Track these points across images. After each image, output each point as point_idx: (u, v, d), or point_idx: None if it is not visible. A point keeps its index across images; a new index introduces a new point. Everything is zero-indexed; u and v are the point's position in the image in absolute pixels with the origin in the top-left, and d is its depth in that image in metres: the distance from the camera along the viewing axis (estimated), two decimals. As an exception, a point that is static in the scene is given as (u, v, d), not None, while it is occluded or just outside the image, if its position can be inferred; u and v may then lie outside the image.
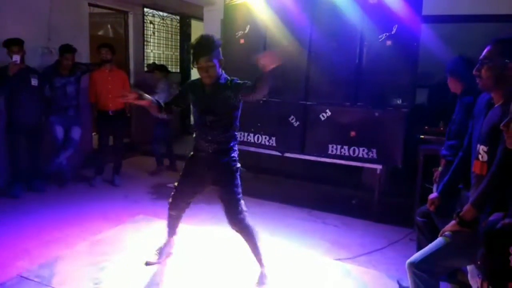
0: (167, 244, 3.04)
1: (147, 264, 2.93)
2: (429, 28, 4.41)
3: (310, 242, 3.52)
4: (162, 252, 3.01)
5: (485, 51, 1.87)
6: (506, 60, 1.77)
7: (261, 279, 2.72)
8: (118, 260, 2.99)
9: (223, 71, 2.60)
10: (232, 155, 2.64)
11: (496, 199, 1.53)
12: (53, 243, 3.25)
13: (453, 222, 1.92)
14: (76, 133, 4.71)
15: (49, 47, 4.99)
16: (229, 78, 2.58)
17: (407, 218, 3.87)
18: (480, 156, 1.86)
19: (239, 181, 2.64)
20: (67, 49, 4.52)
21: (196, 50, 2.45)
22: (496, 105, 1.81)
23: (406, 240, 3.61)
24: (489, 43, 1.86)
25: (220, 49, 2.52)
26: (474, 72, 1.90)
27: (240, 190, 2.63)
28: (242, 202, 2.64)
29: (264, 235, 3.52)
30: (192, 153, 2.76)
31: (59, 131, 4.61)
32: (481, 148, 1.85)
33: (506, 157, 1.63)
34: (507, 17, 4.53)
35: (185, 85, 2.81)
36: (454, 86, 3.00)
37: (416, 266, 1.90)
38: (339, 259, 3.20)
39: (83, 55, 5.32)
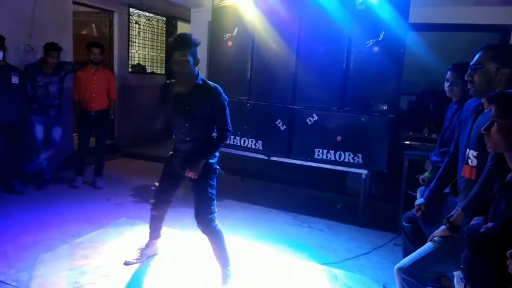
0: (148, 245, 2.99)
1: (126, 263, 2.89)
2: (415, 36, 4.49)
3: (296, 246, 3.50)
4: (143, 253, 2.96)
5: (476, 56, 1.90)
6: (498, 66, 1.80)
7: (224, 279, 2.67)
8: (99, 264, 2.91)
9: (200, 73, 2.61)
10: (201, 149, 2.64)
11: (486, 203, 1.54)
12: (32, 246, 3.14)
13: (443, 227, 1.93)
14: (57, 133, 4.60)
15: (31, 44, 4.86)
16: (208, 82, 2.59)
17: (392, 223, 3.90)
18: (469, 161, 1.88)
19: (215, 183, 2.66)
20: (52, 47, 4.41)
21: (172, 44, 2.50)
22: (486, 110, 1.84)
23: (390, 245, 3.64)
24: (480, 49, 1.89)
25: (197, 49, 2.52)
26: (466, 77, 1.93)
27: (214, 191, 2.64)
28: (215, 203, 2.64)
29: (250, 239, 3.51)
30: (171, 152, 2.78)
31: (40, 130, 4.49)
32: (471, 153, 1.87)
33: (497, 163, 1.64)
34: (488, 27, 4.66)
35: (162, 88, 2.74)
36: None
37: (404, 271, 1.90)
38: (325, 264, 3.19)
39: (67, 54, 5.20)
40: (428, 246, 1.95)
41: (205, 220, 2.58)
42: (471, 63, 1.91)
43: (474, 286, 1.44)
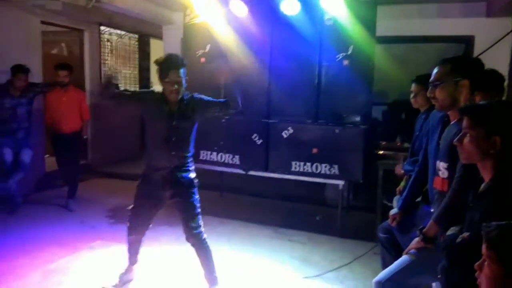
0: (128, 270, 2.90)
1: None
2: (384, 48, 4.63)
3: (278, 260, 3.49)
4: (122, 278, 2.86)
5: (434, 73, 1.93)
6: (457, 79, 1.85)
7: None
8: (73, 291, 2.81)
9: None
10: (192, 168, 2.67)
11: (457, 214, 1.58)
12: (1, 275, 2.99)
13: (416, 239, 1.95)
14: (26, 156, 4.45)
15: (-3, 65, 4.73)
16: (189, 93, 2.63)
17: (371, 232, 3.93)
18: (440, 173, 1.92)
19: (198, 196, 2.66)
20: (19, 69, 4.30)
21: (167, 64, 2.49)
22: (452, 122, 1.89)
23: (370, 253, 3.65)
24: (437, 65, 1.94)
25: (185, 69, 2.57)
26: (428, 94, 1.97)
27: (199, 205, 2.64)
28: (200, 217, 2.63)
29: (231, 254, 3.47)
30: (144, 173, 2.69)
31: (8, 154, 4.34)
32: (441, 165, 1.91)
33: (465, 173, 1.68)
34: (454, 38, 4.85)
35: (148, 92, 2.74)
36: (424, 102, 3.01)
37: (383, 285, 1.91)
38: (307, 277, 3.18)
39: (36, 75, 5.07)
40: (404, 258, 1.96)
41: (193, 234, 2.58)
42: (430, 80, 1.94)
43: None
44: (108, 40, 7.16)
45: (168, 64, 2.47)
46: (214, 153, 4.49)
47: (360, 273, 3.29)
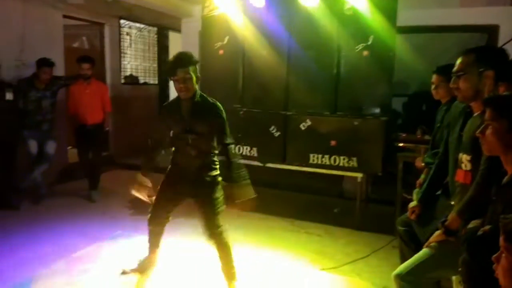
0: (148, 259, 2.94)
1: (123, 273, 2.89)
2: (404, 38, 4.53)
3: (295, 252, 3.50)
4: (141, 264, 2.90)
5: (458, 63, 1.89)
6: (481, 69, 1.81)
7: None
8: (96, 277, 2.89)
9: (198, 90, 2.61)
10: (215, 169, 2.64)
11: (481, 207, 1.55)
12: (28, 262, 3.11)
13: (438, 232, 1.92)
14: (50, 147, 4.57)
15: (22, 59, 4.85)
16: (207, 98, 2.58)
17: (389, 225, 3.89)
18: (463, 165, 1.88)
19: (219, 195, 2.62)
20: (45, 63, 4.40)
21: (174, 62, 2.48)
22: (475, 114, 1.85)
23: (389, 247, 3.62)
24: (459, 55, 1.89)
25: (197, 66, 2.54)
26: (451, 85, 1.93)
27: (219, 204, 2.61)
28: (220, 217, 2.60)
29: (248, 247, 3.50)
30: (170, 167, 2.72)
31: (33, 145, 4.47)
32: (464, 157, 1.87)
33: (490, 166, 1.65)
34: (476, 27, 4.71)
35: (161, 114, 2.72)
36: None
37: (402, 278, 1.89)
38: (323, 270, 3.19)
39: (58, 68, 5.18)
40: (424, 252, 1.94)
41: (213, 234, 2.56)
42: (453, 70, 1.90)
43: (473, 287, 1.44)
44: (127, 34, 7.25)
45: (176, 62, 2.46)
46: (232, 146, 4.50)
47: (377, 266, 3.27)
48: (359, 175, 4.04)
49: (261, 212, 4.41)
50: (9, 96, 4.20)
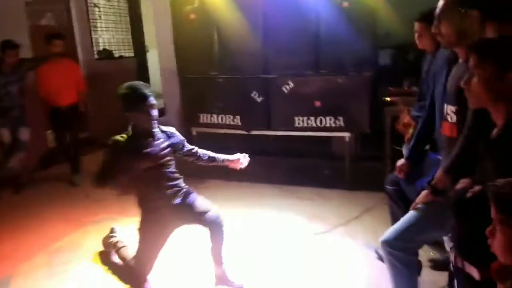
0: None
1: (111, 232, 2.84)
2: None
3: (287, 218, 3.43)
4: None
5: (440, 5, 1.69)
6: (463, 10, 1.60)
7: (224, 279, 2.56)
8: (79, 269, 2.79)
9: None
10: (183, 185, 2.53)
11: (469, 164, 1.40)
12: (8, 257, 2.99)
13: (425, 192, 1.80)
14: (24, 134, 4.37)
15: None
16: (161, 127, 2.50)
17: (380, 182, 3.79)
18: (449, 117, 1.72)
19: (197, 195, 2.56)
20: (9, 45, 4.11)
21: (142, 92, 2.39)
22: (460, 61, 1.67)
23: (381, 205, 3.54)
24: None
25: None
26: (433, 30, 1.73)
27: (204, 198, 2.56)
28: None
29: (239, 217, 3.40)
30: (144, 216, 2.48)
31: (5, 134, 4.27)
32: (449, 109, 1.71)
33: (477, 118, 1.48)
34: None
35: (114, 144, 2.48)
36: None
37: (390, 245, 1.79)
38: (317, 234, 3.13)
39: (24, 49, 4.86)
40: (411, 214, 1.82)
41: (211, 214, 2.46)
42: (435, 13, 1.70)
43: (463, 254, 1.32)
44: (95, 5, 6.84)
45: (144, 91, 2.38)
46: (214, 115, 4.33)
47: (370, 226, 3.21)
48: (347, 134, 3.91)
49: (249, 181, 4.30)
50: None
